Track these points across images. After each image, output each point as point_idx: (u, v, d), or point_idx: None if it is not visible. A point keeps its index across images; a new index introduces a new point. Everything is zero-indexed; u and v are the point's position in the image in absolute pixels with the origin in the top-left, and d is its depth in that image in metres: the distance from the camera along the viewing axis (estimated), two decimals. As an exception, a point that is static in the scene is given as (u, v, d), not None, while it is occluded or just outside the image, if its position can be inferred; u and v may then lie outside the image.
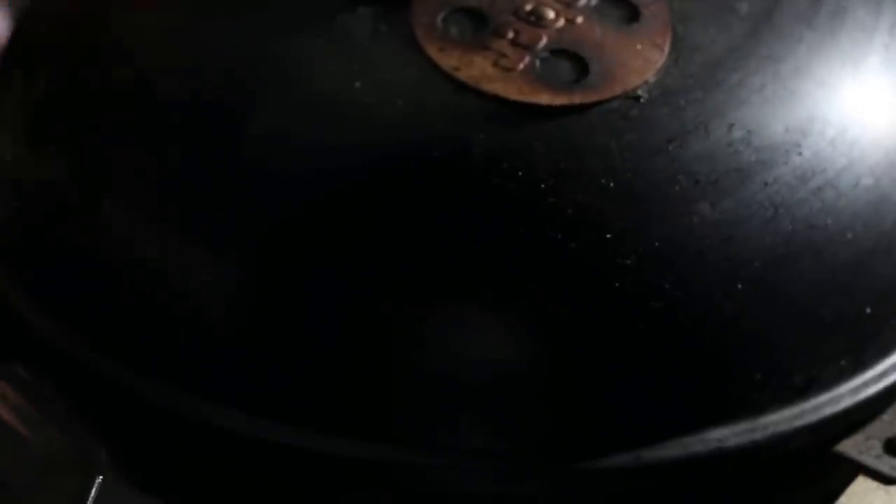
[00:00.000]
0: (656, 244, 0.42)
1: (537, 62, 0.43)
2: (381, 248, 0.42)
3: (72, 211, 0.46)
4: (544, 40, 0.44)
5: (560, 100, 0.43)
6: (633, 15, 0.45)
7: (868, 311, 0.45)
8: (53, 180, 0.47)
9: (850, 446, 0.44)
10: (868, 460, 0.44)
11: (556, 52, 0.44)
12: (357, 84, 0.43)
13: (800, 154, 0.44)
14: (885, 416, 0.45)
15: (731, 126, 0.43)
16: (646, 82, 0.43)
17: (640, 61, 0.44)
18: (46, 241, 0.47)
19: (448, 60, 0.43)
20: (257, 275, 0.43)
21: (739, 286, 0.43)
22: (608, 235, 0.42)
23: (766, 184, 0.43)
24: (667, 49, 0.44)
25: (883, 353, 0.46)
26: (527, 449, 0.43)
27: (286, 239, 0.43)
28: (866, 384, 0.45)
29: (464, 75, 0.43)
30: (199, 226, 0.44)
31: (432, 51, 0.43)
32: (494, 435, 0.43)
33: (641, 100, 0.43)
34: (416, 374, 0.42)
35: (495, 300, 0.42)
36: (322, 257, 0.42)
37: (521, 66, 0.43)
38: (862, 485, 0.44)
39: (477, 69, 0.43)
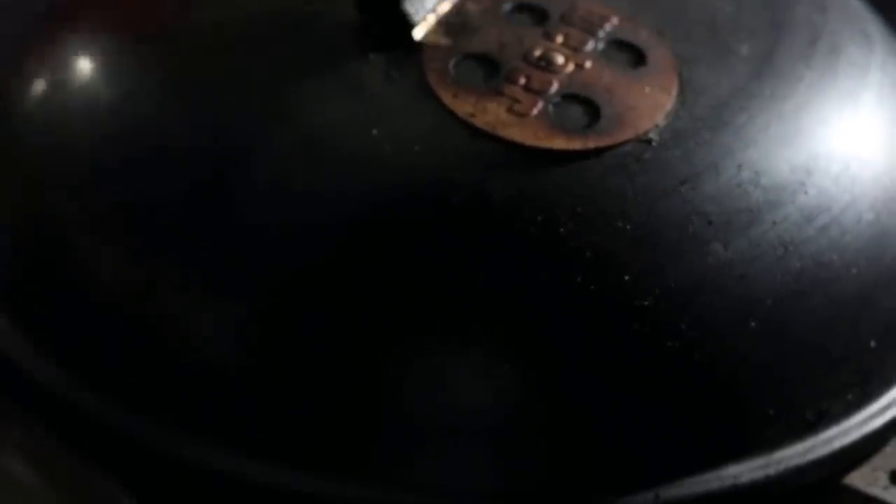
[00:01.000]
0: (672, 285, 0.43)
1: (550, 107, 0.44)
2: (404, 293, 0.42)
3: (73, 261, 0.46)
4: (556, 85, 0.45)
5: (575, 144, 0.43)
6: (639, 59, 0.46)
7: (873, 344, 0.46)
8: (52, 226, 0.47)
9: (857, 478, 0.45)
10: (876, 492, 0.45)
11: (568, 96, 0.44)
12: (374, 131, 0.43)
13: (805, 193, 0.45)
14: (889, 448, 0.46)
15: (739, 167, 0.44)
16: (656, 125, 0.44)
17: (649, 105, 0.45)
18: (46, 287, 0.47)
19: (463, 107, 0.44)
20: (274, 323, 0.43)
21: (753, 324, 0.43)
22: (626, 277, 0.42)
23: (774, 223, 0.44)
24: (674, 92, 0.45)
25: (887, 385, 0.47)
26: (544, 490, 0.43)
27: (303, 286, 0.43)
28: (872, 416, 0.46)
29: (479, 121, 0.43)
30: (213, 275, 0.44)
31: (447, 97, 0.44)
32: (509, 476, 0.43)
33: (653, 143, 0.44)
34: (437, 415, 0.43)
35: (517, 342, 0.42)
36: (342, 304, 0.42)
37: (535, 111, 0.44)
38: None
39: (492, 115, 0.44)
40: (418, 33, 0.46)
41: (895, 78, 0.51)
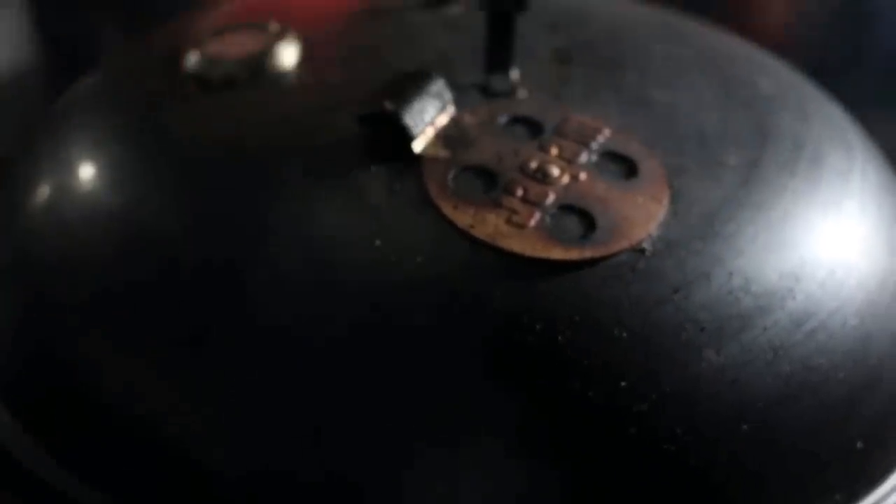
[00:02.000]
0: (668, 390, 0.44)
1: (547, 218, 0.45)
2: (407, 401, 0.43)
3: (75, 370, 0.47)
4: (552, 197, 0.46)
5: (572, 255, 0.45)
6: (631, 170, 0.47)
7: (859, 445, 0.47)
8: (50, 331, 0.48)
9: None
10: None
11: (564, 207, 0.46)
12: (377, 242, 0.45)
13: (794, 299, 0.46)
14: (872, 549, 0.48)
15: (730, 274, 0.46)
16: (649, 235, 0.46)
17: (642, 215, 0.46)
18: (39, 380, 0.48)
19: (463, 218, 0.45)
20: (281, 440, 0.44)
21: (744, 427, 0.45)
22: (623, 384, 0.44)
23: (765, 328, 0.45)
24: (666, 202, 0.47)
25: (872, 485, 0.48)
26: None
27: (308, 398, 0.44)
28: (860, 516, 0.47)
29: (479, 233, 0.45)
30: (217, 388, 0.45)
31: (447, 209, 0.45)
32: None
33: (647, 252, 0.45)
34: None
35: (517, 449, 0.43)
36: (350, 413, 0.44)
37: (533, 222, 0.45)
38: None
39: (491, 226, 0.45)
40: (418, 146, 0.47)
41: (876, 184, 0.52)
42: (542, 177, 0.47)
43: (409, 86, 0.48)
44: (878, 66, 1.01)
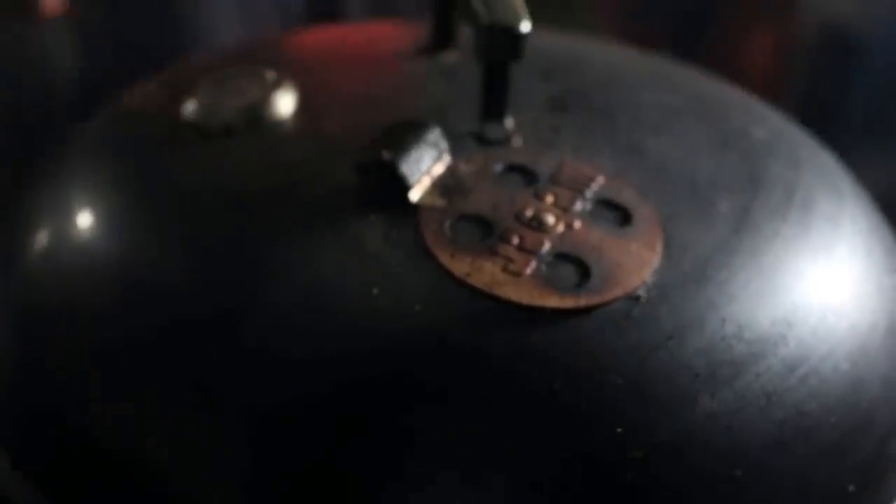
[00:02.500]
0: (664, 437, 0.44)
1: (543, 266, 0.46)
2: (405, 449, 0.44)
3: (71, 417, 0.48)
4: (547, 245, 0.47)
5: (568, 303, 0.45)
6: (625, 218, 0.48)
7: (851, 488, 0.48)
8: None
9: None
10: None
11: (560, 255, 0.46)
12: (375, 290, 0.45)
13: (786, 345, 0.47)
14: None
15: (723, 321, 0.46)
16: (644, 282, 0.46)
17: (636, 262, 0.47)
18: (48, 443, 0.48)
19: (460, 266, 0.46)
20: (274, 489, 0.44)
21: (738, 473, 0.45)
22: (619, 430, 0.44)
23: (758, 374, 0.46)
24: (659, 249, 0.47)
25: (865, 527, 0.49)
26: None
27: (303, 447, 0.44)
28: (852, 560, 0.48)
29: (476, 281, 0.45)
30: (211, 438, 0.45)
31: (444, 257, 0.46)
32: None
33: (641, 300, 0.46)
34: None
35: (513, 496, 0.44)
36: (345, 464, 0.44)
37: (529, 270, 0.46)
38: None
39: (487, 274, 0.46)
40: (415, 195, 0.48)
41: (865, 229, 0.53)
42: (538, 225, 0.47)
43: (406, 135, 0.48)
44: (865, 104, 1.02)
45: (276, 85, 0.53)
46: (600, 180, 0.49)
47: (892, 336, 0.50)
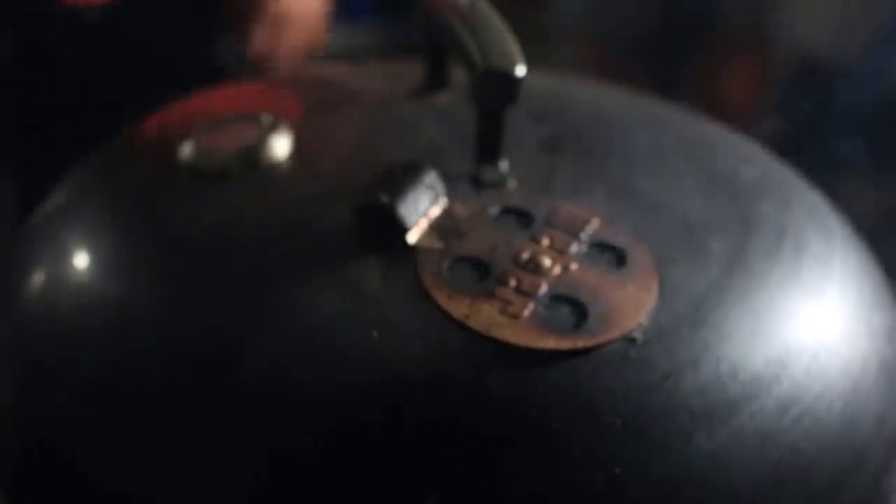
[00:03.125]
0: (661, 476, 0.45)
1: (540, 308, 0.47)
2: (405, 489, 0.44)
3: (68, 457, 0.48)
4: (544, 287, 0.47)
5: (565, 344, 0.46)
6: (620, 259, 0.49)
7: (846, 527, 0.49)
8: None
9: None
10: None
11: (557, 297, 0.47)
12: (374, 332, 0.46)
13: (780, 384, 0.48)
14: None
15: (718, 361, 0.47)
16: (639, 324, 0.47)
17: (632, 304, 0.47)
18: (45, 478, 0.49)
19: (458, 308, 0.46)
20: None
21: (734, 513, 0.46)
22: (616, 471, 0.45)
23: (752, 414, 0.47)
24: (654, 290, 0.48)
25: (859, 567, 0.49)
26: None
27: (301, 487, 0.45)
28: None
29: (474, 323, 0.46)
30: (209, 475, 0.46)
31: (442, 299, 0.46)
32: None
33: (637, 341, 0.46)
34: None
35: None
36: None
37: (527, 312, 0.46)
38: None
39: (485, 316, 0.46)
40: (412, 237, 0.48)
41: (855, 269, 0.54)
42: (535, 267, 0.48)
43: (403, 177, 0.49)
44: (841, 136, 1.03)
45: (271, 128, 0.53)
46: (595, 223, 0.50)
47: (884, 374, 0.51)
